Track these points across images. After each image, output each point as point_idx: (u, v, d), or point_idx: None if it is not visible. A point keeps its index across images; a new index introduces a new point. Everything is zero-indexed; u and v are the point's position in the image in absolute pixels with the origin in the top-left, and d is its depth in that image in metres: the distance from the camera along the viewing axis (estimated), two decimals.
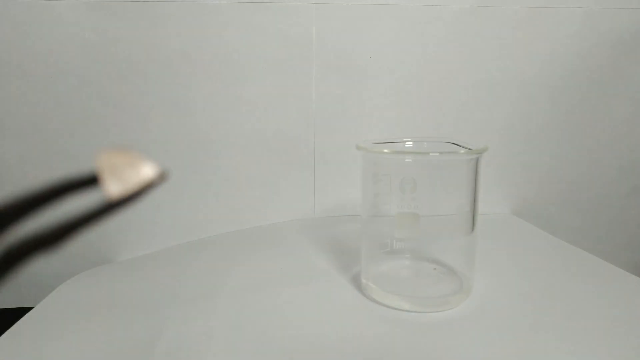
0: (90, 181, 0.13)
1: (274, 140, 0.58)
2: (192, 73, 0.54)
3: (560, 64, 0.59)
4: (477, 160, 0.36)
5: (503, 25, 0.57)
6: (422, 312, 0.35)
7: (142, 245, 0.55)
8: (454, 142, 0.39)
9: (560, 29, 0.57)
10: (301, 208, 0.60)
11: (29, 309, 0.38)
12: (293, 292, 0.39)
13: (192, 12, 0.52)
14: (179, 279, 0.43)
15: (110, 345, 0.32)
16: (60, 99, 0.53)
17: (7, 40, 0.51)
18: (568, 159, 0.63)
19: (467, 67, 0.58)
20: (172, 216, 0.57)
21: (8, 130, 0.53)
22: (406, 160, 0.38)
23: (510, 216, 0.62)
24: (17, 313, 0.37)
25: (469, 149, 0.35)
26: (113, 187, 0.12)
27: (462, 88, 0.59)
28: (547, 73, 0.59)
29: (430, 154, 0.37)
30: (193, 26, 0.53)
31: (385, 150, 0.36)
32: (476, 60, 0.58)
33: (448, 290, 0.37)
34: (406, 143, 0.40)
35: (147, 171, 0.13)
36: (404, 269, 0.41)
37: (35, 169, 0.54)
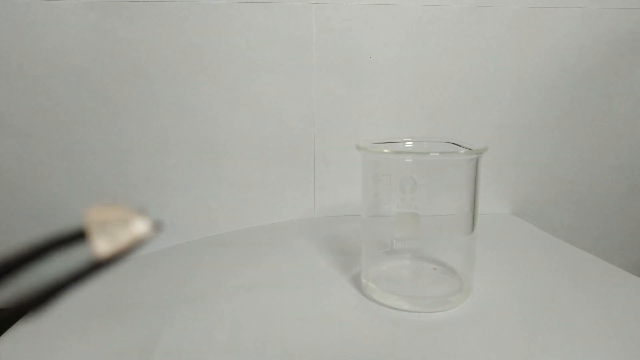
0: (78, 237, 0.11)
1: (274, 140, 0.58)
2: (193, 73, 0.54)
3: (560, 64, 0.59)
4: (477, 160, 0.36)
5: (502, 25, 0.57)
6: (422, 312, 0.35)
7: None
8: (454, 142, 0.39)
9: (559, 28, 0.57)
10: (301, 208, 0.60)
11: None
12: (293, 292, 0.39)
13: (192, 12, 0.52)
14: (179, 279, 0.44)
15: (110, 345, 0.32)
16: (60, 99, 0.53)
17: (7, 40, 0.51)
18: (567, 158, 0.63)
19: (467, 67, 0.58)
20: (172, 216, 0.57)
21: (8, 130, 0.53)
22: (406, 160, 0.38)
23: (509, 216, 0.62)
24: (17, 313, 0.37)
25: (469, 149, 0.35)
26: (102, 245, 0.11)
27: (461, 88, 0.59)
28: (547, 73, 0.59)
29: (430, 154, 0.37)
30: (193, 26, 0.53)
31: (385, 150, 0.36)
32: (476, 60, 0.58)
33: (448, 290, 0.37)
34: (406, 143, 0.40)
35: (138, 226, 0.11)
36: (404, 269, 0.41)
37: (35, 169, 0.54)
